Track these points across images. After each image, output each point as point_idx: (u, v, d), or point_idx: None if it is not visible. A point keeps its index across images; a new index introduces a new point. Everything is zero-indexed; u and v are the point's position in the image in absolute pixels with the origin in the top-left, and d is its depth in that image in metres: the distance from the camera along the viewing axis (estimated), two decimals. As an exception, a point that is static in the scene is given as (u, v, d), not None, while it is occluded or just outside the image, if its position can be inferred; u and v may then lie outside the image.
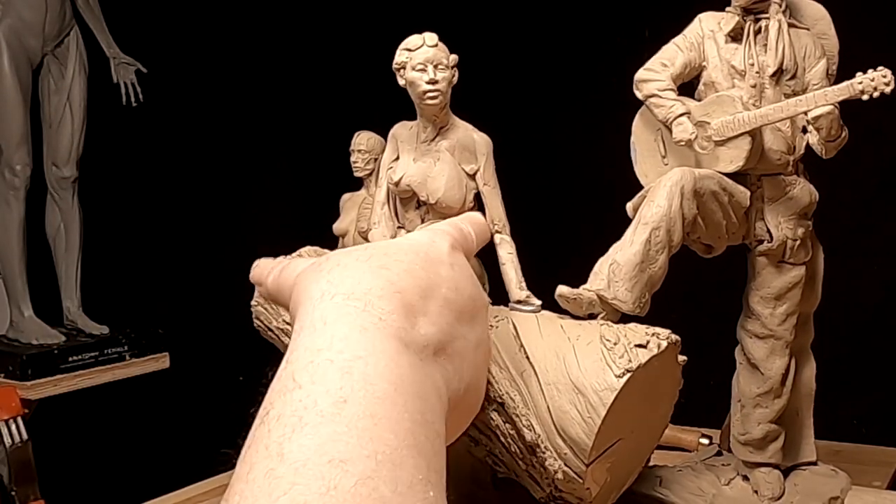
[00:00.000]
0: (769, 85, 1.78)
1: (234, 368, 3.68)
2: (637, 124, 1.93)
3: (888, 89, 1.59)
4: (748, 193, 1.78)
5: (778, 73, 1.79)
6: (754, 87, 1.79)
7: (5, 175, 3.22)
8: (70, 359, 3.16)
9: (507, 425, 1.77)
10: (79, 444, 3.41)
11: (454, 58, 2.04)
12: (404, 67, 1.98)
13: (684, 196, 1.72)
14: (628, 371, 1.64)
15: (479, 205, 2.05)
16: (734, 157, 1.77)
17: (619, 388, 1.64)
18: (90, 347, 3.24)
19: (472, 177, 2.03)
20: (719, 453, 1.97)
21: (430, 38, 2.01)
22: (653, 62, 1.89)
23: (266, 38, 3.77)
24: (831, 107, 1.66)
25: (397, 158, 2.11)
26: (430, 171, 2.06)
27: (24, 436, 2.41)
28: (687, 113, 1.82)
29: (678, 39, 1.88)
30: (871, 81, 1.60)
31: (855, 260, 2.61)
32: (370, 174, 2.39)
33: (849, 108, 1.68)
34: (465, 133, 2.06)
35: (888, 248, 2.69)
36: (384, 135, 2.06)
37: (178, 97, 3.70)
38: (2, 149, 3.23)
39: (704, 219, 1.75)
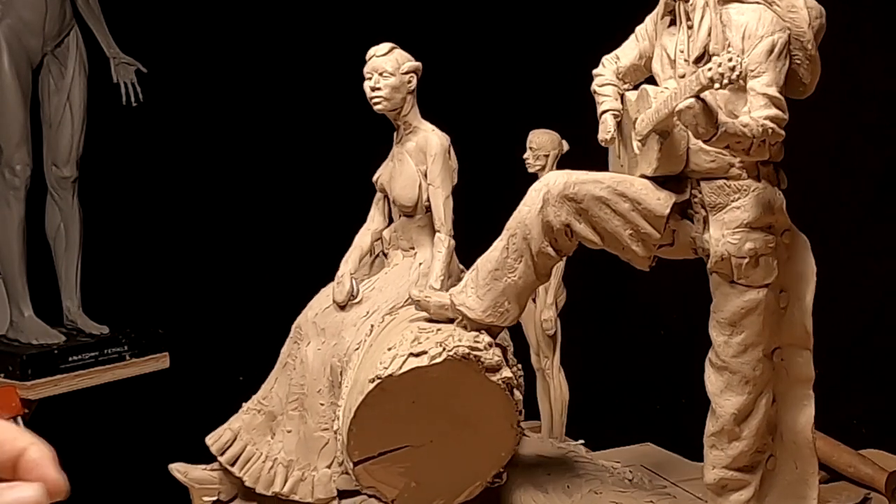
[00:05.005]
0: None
1: (234, 368, 3.67)
2: None
3: (734, 74, 1.39)
4: (669, 201, 1.62)
5: (705, 59, 1.58)
6: (683, 76, 1.60)
7: (5, 175, 3.22)
8: (70, 359, 3.16)
9: None
10: (79, 444, 3.40)
11: (411, 65, 2.11)
12: (365, 77, 2.13)
13: (548, 202, 1.60)
14: (378, 378, 1.62)
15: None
16: (650, 160, 1.60)
17: (365, 393, 1.63)
18: (90, 347, 3.24)
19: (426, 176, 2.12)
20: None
21: (381, 48, 2.12)
22: (610, 54, 1.79)
23: (264, 37, 3.77)
24: (692, 100, 1.43)
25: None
26: (394, 171, 2.18)
27: (24, 436, 2.40)
28: (612, 110, 1.69)
29: (639, 27, 1.76)
30: (718, 67, 1.39)
31: (855, 260, 2.61)
32: (542, 169, 2.42)
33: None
34: (423, 135, 2.17)
35: (888, 248, 2.69)
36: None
37: (178, 97, 3.70)
38: (2, 149, 3.22)
39: (595, 227, 1.62)
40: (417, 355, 1.63)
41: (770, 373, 1.64)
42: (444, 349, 1.63)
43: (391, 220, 2.23)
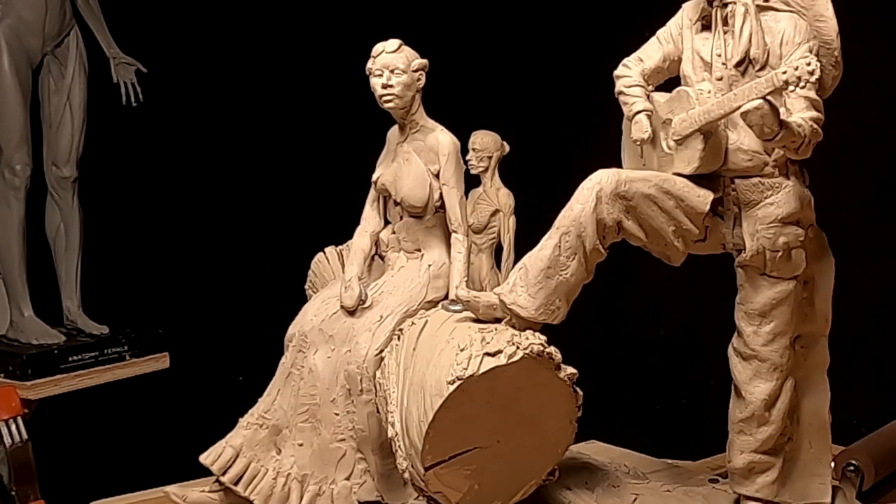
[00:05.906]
0: (737, 77, 1.66)
1: (234, 368, 3.68)
2: (624, 124, 1.85)
3: (813, 78, 1.47)
4: (709, 198, 1.67)
5: (745, 64, 1.66)
6: (721, 79, 1.67)
7: (5, 175, 3.22)
8: (70, 359, 3.17)
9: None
10: (79, 444, 3.41)
11: (420, 63, 2.09)
12: (371, 73, 2.07)
13: (601, 200, 1.63)
14: (459, 379, 1.61)
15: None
16: (690, 158, 1.65)
17: (445, 396, 1.61)
18: (90, 347, 3.24)
19: (438, 176, 2.08)
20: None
21: (391, 44, 2.09)
22: (631, 56, 1.82)
23: (264, 37, 3.77)
24: (760, 101, 1.50)
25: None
26: (400, 171, 2.13)
27: (24, 436, 2.41)
28: (646, 111, 1.73)
29: (662, 31, 1.80)
30: (795, 71, 1.47)
31: (855, 260, 2.61)
32: (485, 171, 2.42)
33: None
34: (433, 135, 2.13)
35: (888, 248, 2.69)
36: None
37: (178, 97, 3.70)
38: (2, 149, 3.23)
39: (641, 224, 1.67)
40: (493, 355, 1.63)
41: (793, 359, 1.73)
42: (517, 347, 1.63)
43: (386, 221, 2.19)
